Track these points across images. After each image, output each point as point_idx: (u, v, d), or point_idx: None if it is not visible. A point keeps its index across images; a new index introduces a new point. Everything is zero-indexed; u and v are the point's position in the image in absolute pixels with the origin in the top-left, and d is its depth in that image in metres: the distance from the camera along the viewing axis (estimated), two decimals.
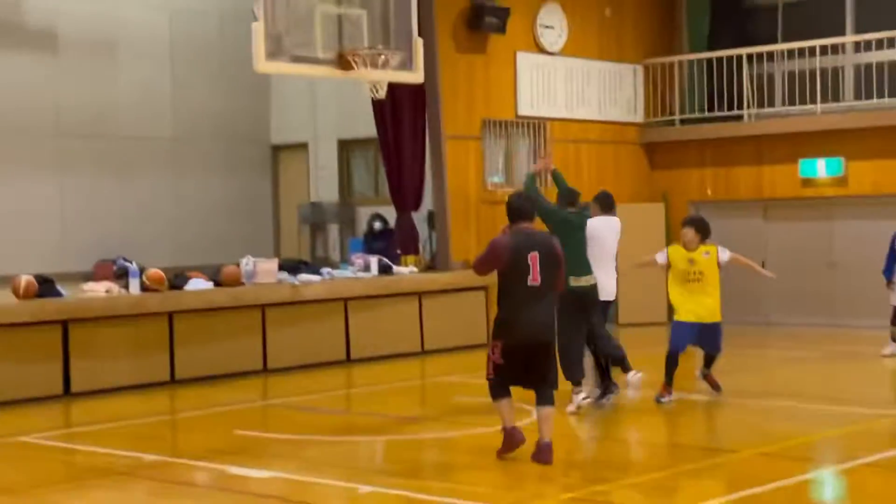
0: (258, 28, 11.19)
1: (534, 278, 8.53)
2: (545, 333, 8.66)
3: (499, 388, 8.73)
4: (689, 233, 11.30)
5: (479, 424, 10.19)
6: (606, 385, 11.32)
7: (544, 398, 8.66)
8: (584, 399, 10.90)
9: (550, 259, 8.63)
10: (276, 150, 20.71)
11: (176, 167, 19.31)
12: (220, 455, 9.35)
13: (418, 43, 12.52)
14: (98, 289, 13.46)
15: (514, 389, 8.77)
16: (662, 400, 11.33)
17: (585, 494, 7.70)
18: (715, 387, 11.64)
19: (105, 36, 18.41)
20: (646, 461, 8.99)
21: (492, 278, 9.01)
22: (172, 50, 19.20)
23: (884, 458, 8.66)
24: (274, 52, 11.32)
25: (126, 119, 18.69)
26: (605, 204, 11.63)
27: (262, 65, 11.29)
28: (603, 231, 11.32)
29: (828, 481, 8.28)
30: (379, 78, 12.09)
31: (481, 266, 8.87)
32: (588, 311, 11.01)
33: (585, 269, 10.84)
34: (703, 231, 11.33)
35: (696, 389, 11.96)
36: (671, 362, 11.37)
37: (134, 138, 18.75)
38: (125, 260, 17.17)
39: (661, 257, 11.55)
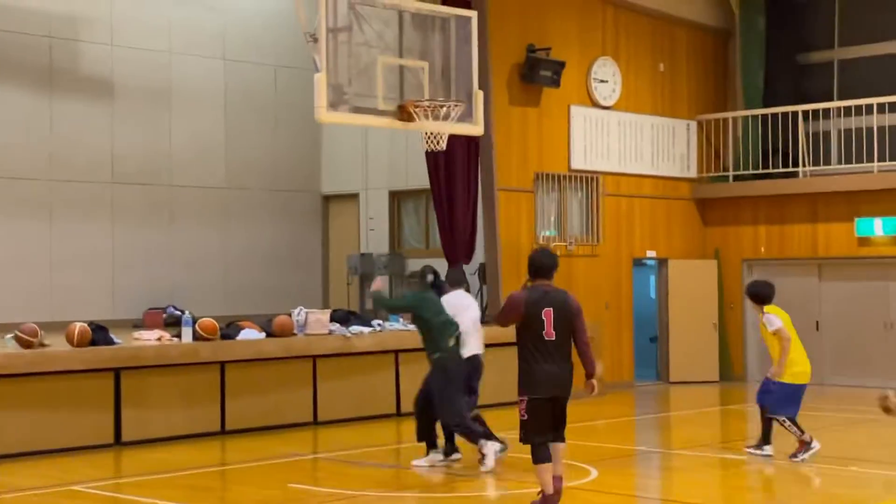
0: (320, 78, 11.16)
1: (548, 333, 8.81)
2: (563, 387, 8.94)
3: (540, 453, 8.90)
4: (749, 302, 11.92)
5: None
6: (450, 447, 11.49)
7: (559, 436, 9.07)
8: (440, 461, 11.18)
9: (565, 315, 8.88)
10: (327, 199, 20.70)
11: (227, 216, 19.34)
12: None
13: (479, 95, 12.47)
14: (150, 337, 13.43)
15: None
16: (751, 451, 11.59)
17: None
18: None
19: (160, 84, 18.54)
20: None
21: None
22: (227, 99, 19.31)
23: None
24: (335, 103, 11.30)
25: (179, 167, 18.75)
26: (455, 280, 12.46)
27: (324, 115, 11.26)
28: (462, 304, 11.84)
29: None
30: (439, 129, 12.04)
31: (502, 318, 9.22)
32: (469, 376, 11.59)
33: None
34: (754, 298, 11.75)
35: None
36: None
37: (186, 187, 18.81)
38: (175, 308, 17.22)
39: None
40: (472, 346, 11.61)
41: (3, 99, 17.01)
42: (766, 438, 11.48)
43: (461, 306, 11.73)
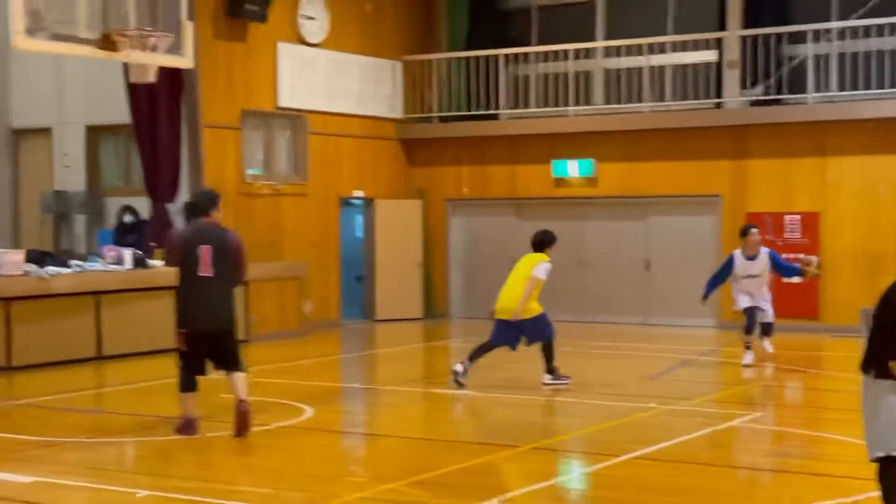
0: (16, 2, 10.44)
1: (203, 269, 9.20)
2: (221, 321, 9.35)
3: (187, 382, 9.41)
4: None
5: (258, 422, 9.96)
6: None
7: (234, 367, 9.43)
8: None
9: (222, 252, 9.26)
10: (18, 134, 19.51)
11: None
12: None
13: (188, 27, 12.05)
14: None
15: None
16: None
17: (375, 494, 7.56)
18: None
19: None
20: (430, 458, 8.93)
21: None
22: None
23: (657, 450, 8.93)
24: (33, 29, 10.60)
25: None
26: None
27: (21, 41, 10.55)
28: None
29: (604, 473, 8.42)
30: (147, 61, 11.55)
31: (167, 258, 9.67)
32: None
33: None
34: (532, 245, 12.43)
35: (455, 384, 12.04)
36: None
37: None
38: None
39: None
40: None
41: None
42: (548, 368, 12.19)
43: None
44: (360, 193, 19.59)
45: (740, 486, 8.13)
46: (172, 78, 15.56)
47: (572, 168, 19.21)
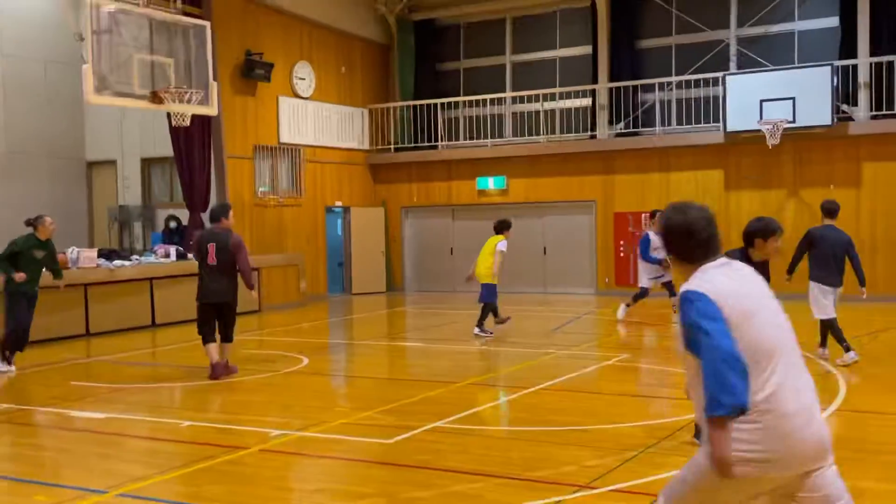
0: (87, 69, 10.16)
1: (210, 259, 9.32)
2: (220, 296, 9.35)
3: (205, 337, 9.47)
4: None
5: (263, 371, 9.81)
6: None
7: (226, 338, 9.54)
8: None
9: (224, 248, 9.27)
10: (91, 165, 19.10)
11: (8, 177, 17.40)
12: (61, 402, 8.47)
13: (214, 85, 11.80)
14: None
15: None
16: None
17: (356, 420, 7.45)
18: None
19: None
20: (394, 392, 8.83)
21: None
22: (4, 85, 17.27)
23: (555, 383, 8.92)
24: (100, 88, 10.31)
25: None
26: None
27: (92, 98, 10.27)
28: None
29: (519, 400, 8.40)
30: (184, 111, 11.30)
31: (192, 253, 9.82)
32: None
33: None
34: (494, 229, 12.17)
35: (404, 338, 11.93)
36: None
37: None
38: None
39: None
40: None
41: None
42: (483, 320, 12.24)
43: None
44: (339, 203, 19.41)
45: (612, 405, 8.14)
46: (203, 122, 15.29)
47: (491, 183, 19.17)
